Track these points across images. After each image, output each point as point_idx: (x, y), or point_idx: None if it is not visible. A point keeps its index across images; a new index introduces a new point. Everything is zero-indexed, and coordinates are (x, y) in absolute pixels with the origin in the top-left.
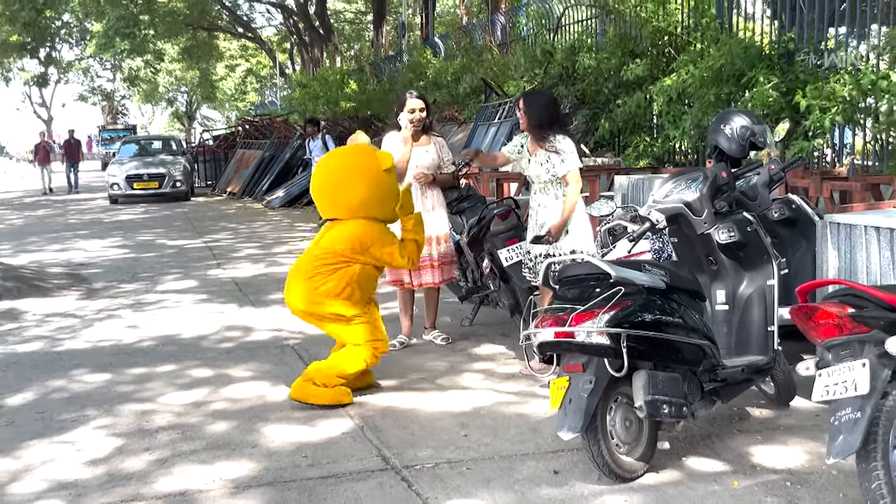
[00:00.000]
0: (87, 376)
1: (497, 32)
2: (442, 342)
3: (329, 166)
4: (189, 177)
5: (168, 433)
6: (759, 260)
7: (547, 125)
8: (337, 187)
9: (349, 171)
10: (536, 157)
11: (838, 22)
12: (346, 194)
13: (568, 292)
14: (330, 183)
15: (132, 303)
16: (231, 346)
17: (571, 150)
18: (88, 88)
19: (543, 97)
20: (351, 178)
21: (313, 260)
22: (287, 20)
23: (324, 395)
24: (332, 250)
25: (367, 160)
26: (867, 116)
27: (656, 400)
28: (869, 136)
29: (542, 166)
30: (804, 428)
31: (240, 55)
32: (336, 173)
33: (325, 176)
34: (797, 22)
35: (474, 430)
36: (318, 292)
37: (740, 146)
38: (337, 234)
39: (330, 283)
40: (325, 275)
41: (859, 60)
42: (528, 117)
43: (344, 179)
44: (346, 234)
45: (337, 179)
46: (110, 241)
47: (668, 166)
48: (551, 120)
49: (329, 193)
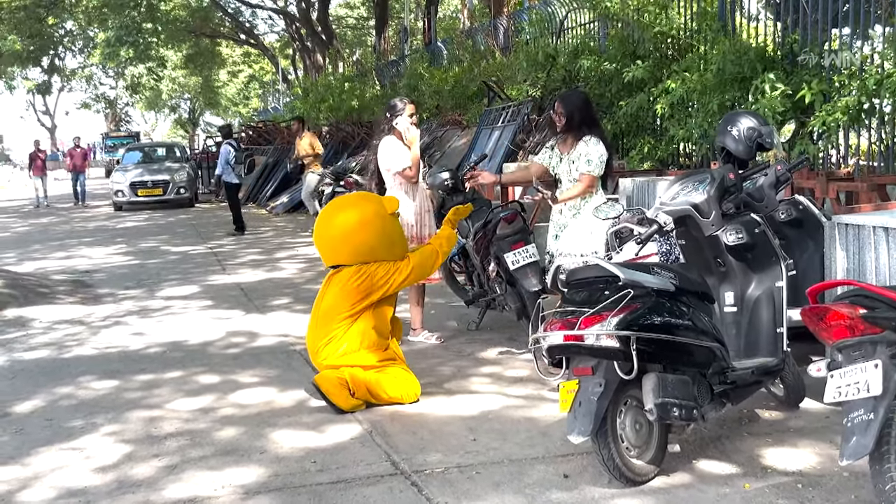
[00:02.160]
0: (95, 383)
1: (500, 36)
2: (437, 341)
3: (334, 215)
4: (193, 183)
5: (176, 439)
6: (767, 261)
7: (583, 125)
8: (345, 237)
9: (353, 217)
10: (568, 156)
11: (842, 23)
12: (354, 243)
13: (576, 295)
14: (334, 229)
15: (138, 309)
16: (237, 352)
17: (599, 157)
18: (91, 96)
19: (580, 97)
20: (359, 226)
21: (326, 320)
22: (289, 26)
23: (346, 401)
24: (342, 304)
25: (373, 207)
26: (872, 117)
27: (666, 403)
28: (874, 137)
29: (571, 164)
30: (814, 429)
31: (242, 61)
32: (342, 222)
33: (330, 221)
34: (800, 23)
35: (483, 434)
36: (341, 354)
37: (747, 147)
38: (341, 280)
39: (349, 340)
40: (341, 333)
41: (863, 61)
42: (566, 117)
43: (348, 225)
44: (350, 276)
45: (341, 225)
46: (115, 248)
47: (672, 168)
48: (587, 120)
49: (333, 239)
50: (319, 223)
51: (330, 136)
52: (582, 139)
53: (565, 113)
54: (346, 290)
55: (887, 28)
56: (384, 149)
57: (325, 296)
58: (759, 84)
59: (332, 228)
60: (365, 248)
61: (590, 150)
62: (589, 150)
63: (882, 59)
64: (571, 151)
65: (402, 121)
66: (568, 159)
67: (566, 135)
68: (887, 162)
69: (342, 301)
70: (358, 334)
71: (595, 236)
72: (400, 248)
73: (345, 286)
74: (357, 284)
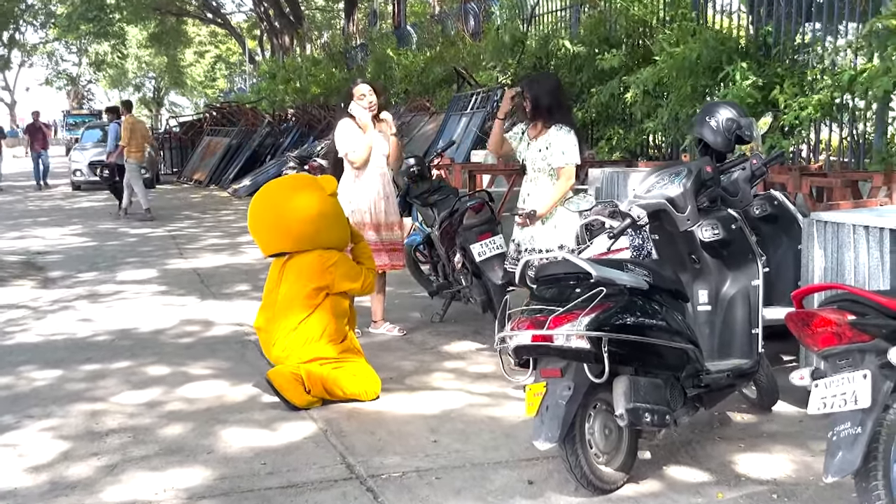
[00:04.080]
0: (36, 373)
1: (470, 21)
2: (399, 333)
3: (268, 197)
4: (154, 164)
5: (119, 436)
6: (743, 259)
7: (553, 111)
8: (281, 219)
9: (293, 201)
10: (536, 143)
11: (815, 17)
12: (295, 225)
13: (546, 292)
14: (272, 215)
15: (89, 294)
16: (190, 342)
17: (573, 145)
18: (53, 72)
19: (550, 81)
20: (297, 207)
21: (285, 310)
22: (257, 6)
23: (301, 397)
24: (301, 292)
25: (310, 187)
26: (844, 112)
27: (638, 408)
28: (845, 133)
29: (539, 152)
30: (788, 434)
31: (209, 41)
32: (279, 204)
33: (267, 208)
34: (773, 15)
35: (445, 435)
36: (302, 344)
37: (726, 140)
38: (299, 269)
39: (309, 330)
40: (300, 323)
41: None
42: (533, 102)
43: (289, 209)
44: (311, 266)
45: (281, 210)
46: (70, 228)
47: (641, 160)
48: (558, 105)
49: (273, 226)
50: (255, 209)
51: (296, 119)
52: (552, 126)
53: (530, 97)
54: (306, 278)
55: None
56: (338, 131)
57: (282, 284)
58: (731, 71)
59: (270, 214)
60: (309, 233)
61: (562, 139)
62: (561, 139)
63: (855, 54)
64: (539, 138)
65: (354, 106)
66: (535, 146)
67: (535, 121)
68: (858, 158)
69: (301, 290)
70: (318, 325)
71: (561, 230)
72: (344, 232)
73: (304, 274)
74: (319, 273)
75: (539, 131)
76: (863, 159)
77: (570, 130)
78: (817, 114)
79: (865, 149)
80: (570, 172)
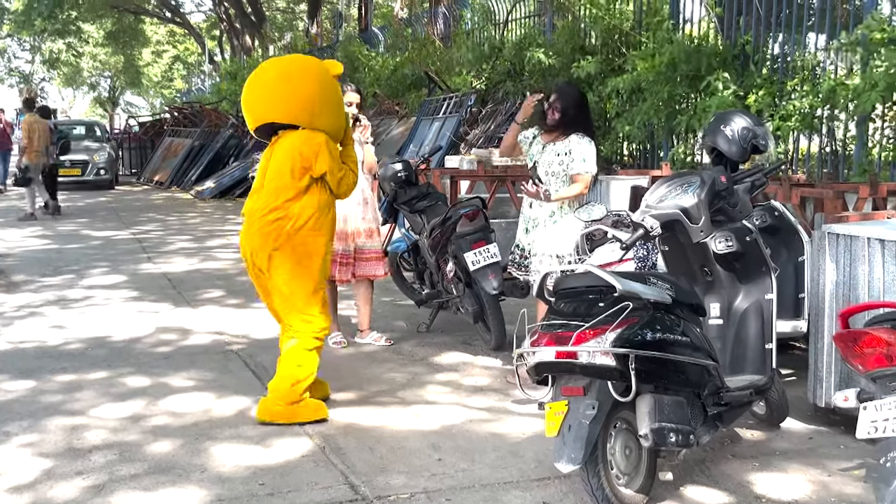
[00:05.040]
0: (8, 384)
1: (439, 25)
2: (386, 343)
3: (270, 64)
4: (114, 164)
5: (103, 453)
6: (756, 272)
7: (578, 120)
8: (279, 85)
9: (295, 68)
10: (553, 147)
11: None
12: (291, 93)
13: (566, 306)
14: (271, 82)
15: (57, 299)
16: (168, 351)
17: (594, 155)
18: (5, 70)
19: (576, 92)
20: (299, 75)
21: (273, 191)
22: (217, 6)
23: (294, 413)
24: (285, 168)
25: (312, 60)
26: (823, 124)
27: (663, 427)
28: (824, 143)
29: (556, 156)
30: (800, 452)
31: (167, 41)
32: (278, 73)
33: (266, 76)
34: (752, 25)
35: (448, 452)
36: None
37: (741, 149)
38: (287, 146)
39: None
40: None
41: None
42: (562, 112)
43: (288, 77)
44: (298, 140)
45: (279, 78)
46: (30, 230)
47: (616, 167)
48: (584, 116)
49: (270, 92)
50: (255, 75)
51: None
52: (574, 134)
53: (561, 107)
54: (291, 155)
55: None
56: None
57: (269, 165)
58: (712, 81)
59: (268, 76)
60: (305, 106)
61: (584, 148)
62: (583, 148)
63: (835, 65)
64: (557, 143)
65: None
66: (552, 150)
67: (558, 128)
68: (838, 168)
69: (285, 167)
70: (304, 214)
71: (566, 238)
72: (340, 119)
73: (291, 150)
74: (305, 146)
75: (555, 137)
76: (842, 169)
77: (591, 141)
78: (798, 124)
79: (844, 158)
80: (587, 180)
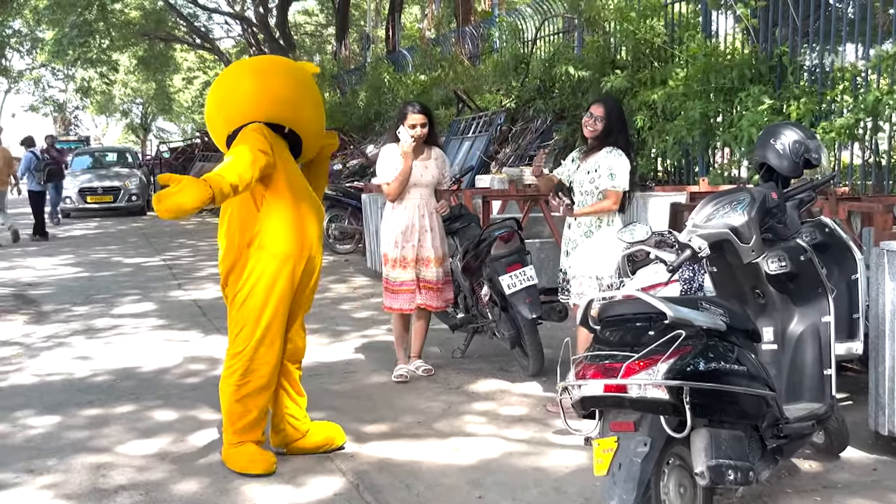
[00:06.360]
0: (34, 419)
1: (467, 44)
2: (423, 373)
3: (241, 64)
4: (145, 190)
5: (129, 494)
6: (812, 293)
7: (618, 134)
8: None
9: (272, 66)
10: (585, 164)
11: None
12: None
13: (613, 335)
14: (246, 77)
15: (85, 329)
16: (197, 382)
17: (624, 171)
18: (40, 99)
19: (618, 103)
20: (277, 71)
21: None
22: (246, 31)
23: (234, 459)
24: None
25: (284, 59)
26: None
27: (721, 465)
28: (867, 155)
29: (587, 174)
30: (865, 485)
31: (198, 67)
32: (255, 68)
33: (239, 70)
34: (789, 35)
35: (489, 489)
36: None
37: (793, 164)
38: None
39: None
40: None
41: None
42: (604, 122)
43: (267, 72)
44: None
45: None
46: (61, 258)
47: (651, 184)
48: (622, 130)
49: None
50: (224, 76)
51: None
52: (604, 148)
53: (604, 117)
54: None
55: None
56: (379, 157)
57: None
58: (743, 97)
59: (244, 76)
60: (288, 98)
61: (613, 162)
62: (612, 162)
63: (879, 77)
64: (589, 159)
65: (401, 130)
66: (584, 168)
67: (595, 141)
68: (880, 181)
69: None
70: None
71: (607, 259)
72: (320, 116)
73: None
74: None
75: (590, 153)
76: (887, 182)
77: (622, 154)
78: (841, 137)
79: (889, 170)
80: (616, 196)
